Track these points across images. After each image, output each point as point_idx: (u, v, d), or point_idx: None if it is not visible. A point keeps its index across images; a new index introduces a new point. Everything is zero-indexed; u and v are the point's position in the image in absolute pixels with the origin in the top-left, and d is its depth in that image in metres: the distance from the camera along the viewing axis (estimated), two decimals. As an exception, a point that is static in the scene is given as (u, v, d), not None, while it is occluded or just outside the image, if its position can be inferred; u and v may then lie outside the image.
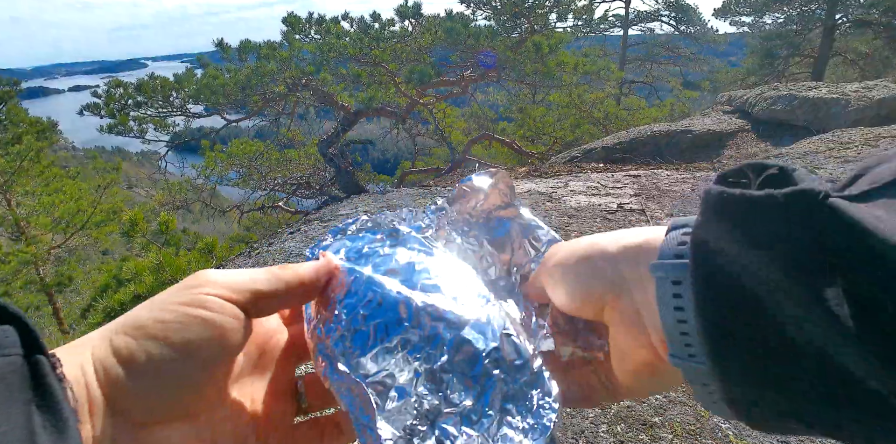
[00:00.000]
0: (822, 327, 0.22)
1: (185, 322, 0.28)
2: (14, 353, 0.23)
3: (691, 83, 15.77)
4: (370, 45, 6.87)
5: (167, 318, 0.28)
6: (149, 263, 5.22)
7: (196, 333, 0.28)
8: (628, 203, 3.20)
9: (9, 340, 0.23)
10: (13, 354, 0.23)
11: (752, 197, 0.25)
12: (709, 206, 0.27)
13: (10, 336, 0.23)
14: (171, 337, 0.28)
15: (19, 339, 0.23)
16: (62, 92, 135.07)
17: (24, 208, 8.53)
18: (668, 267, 0.29)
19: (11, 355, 0.23)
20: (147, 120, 6.91)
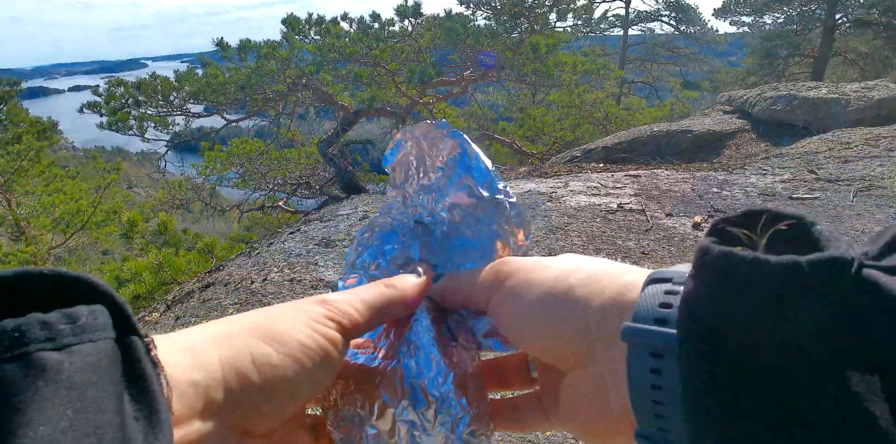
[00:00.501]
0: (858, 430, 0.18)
1: (313, 348, 0.29)
2: (105, 336, 0.21)
3: (691, 83, 15.78)
4: (370, 45, 6.88)
5: (302, 339, 0.29)
6: (149, 263, 5.22)
7: (318, 361, 0.29)
8: (628, 203, 3.20)
9: (98, 322, 0.21)
10: (104, 337, 0.21)
11: (769, 264, 0.20)
12: (707, 269, 0.22)
13: (100, 318, 0.21)
14: (303, 360, 0.29)
15: (111, 319, 0.22)
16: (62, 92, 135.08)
17: (24, 208, 8.53)
18: (646, 334, 0.25)
19: (102, 339, 0.21)
20: (147, 119, 6.91)
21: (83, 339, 0.20)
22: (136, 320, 0.23)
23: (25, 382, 0.18)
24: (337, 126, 6.86)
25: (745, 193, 3.39)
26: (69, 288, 0.21)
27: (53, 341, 0.19)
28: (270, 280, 2.21)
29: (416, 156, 0.43)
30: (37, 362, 0.19)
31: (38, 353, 0.19)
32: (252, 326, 0.29)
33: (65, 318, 0.20)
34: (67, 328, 0.20)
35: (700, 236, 2.67)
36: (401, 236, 0.43)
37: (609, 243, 2.55)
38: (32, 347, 0.19)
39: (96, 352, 0.20)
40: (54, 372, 0.19)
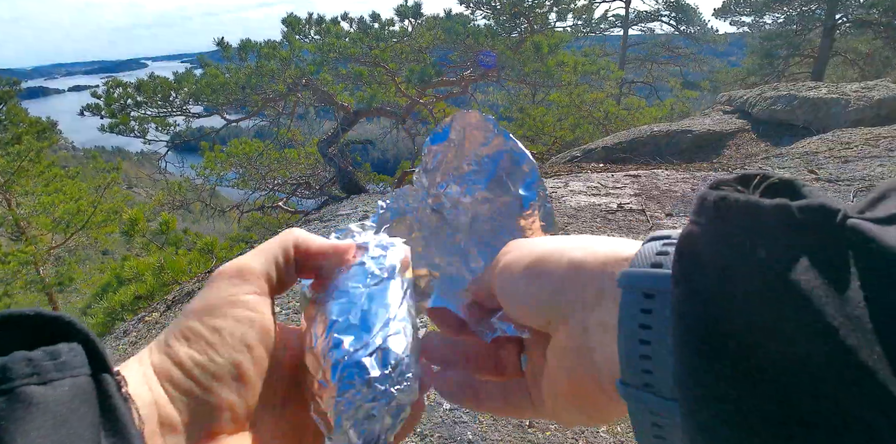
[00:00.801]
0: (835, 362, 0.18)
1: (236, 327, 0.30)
2: (82, 373, 0.23)
3: (691, 83, 15.77)
4: (370, 45, 6.88)
5: (219, 324, 0.30)
6: (150, 264, 5.22)
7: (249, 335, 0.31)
8: (628, 203, 3.20)
9: (77, 359, 0.23)
10: (82, 374, 0.23)
11: (761, 205, 0.21)
12: (704, 210, 0.23)
13: (77, 355, 0.23)
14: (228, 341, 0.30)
15: (86, 357, 0.23)
16: (62, 92, 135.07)
17: (24, 208, 8.53)
18: (640, 276, 0.25)
19: (80, 376, 0.23)
20: (147, 120, 6.91)
21: (65, 375, 0.22)
22: (108, 358, 0.24)
23: (13, 413, 0.20)
24: (337, 126, 6.86)
25: (745, 194, 3.39)
26: (49, 326, 0.23)
27: (39, 376, 0.21)
28: (270, 280, 2.21)
29: (457, 144, 0.42)
30: (22, 396, 0.20)
31: (23, 388, 0.20)
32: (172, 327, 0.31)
33: (48, 355, 0.22)
34: (50, 365, 0.22)
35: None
36: (412, 232, 0.43)
37: (609, 243, 2.55)
38: (18, 382, 0.21)
39: (76, 387, 0.22)
40: (39, 404, 0.20)
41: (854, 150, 4.16)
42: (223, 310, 0.31)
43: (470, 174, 0.41)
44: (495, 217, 0.40)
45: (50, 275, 8.67)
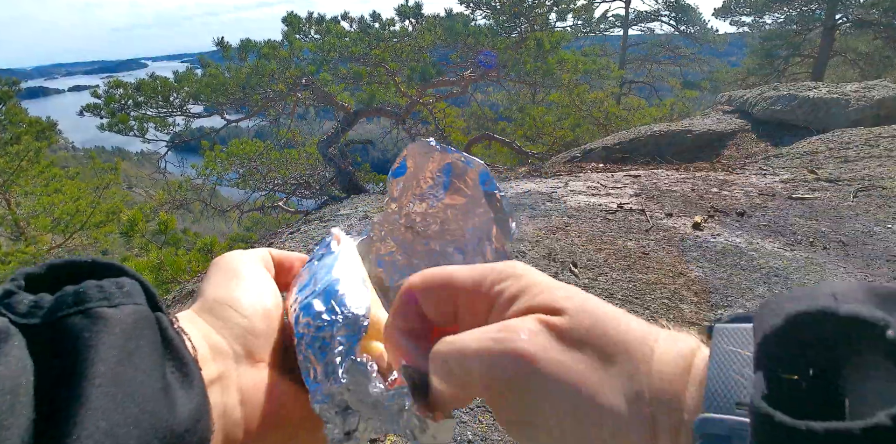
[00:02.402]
0: None
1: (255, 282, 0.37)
2: (142, 303, 0.26)
3: (691, 83, 15.78)
4: (370, 44, 6.88)
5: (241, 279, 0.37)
6: (149, 262, 5.22)
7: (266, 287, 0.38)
8: (628, 203, 3.20)
9: (137, 290, 0.27)
10: (142, 303, 0.26)
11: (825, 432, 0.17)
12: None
13: (137, 289, 0.27)
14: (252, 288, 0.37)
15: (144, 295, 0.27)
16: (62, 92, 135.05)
17: (23, 209, 8.52)
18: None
19: (141, 304, 0.26)
20: (147, 120, 6.91)
21: (129, 301, 0.26)
22: (160, 300, 0.28)
23: (91, 328, 0.24)
24: (337, 126, 6.86)
25: (745, 193, 3.39)
26: (105, 271, 0.27)
27: (108, 300, 0.25)
28: (270, 280, 2.21)
29: (413, 171, 0.48)
30: (97, 315, 0.24)
31: (97, 308, 0.24)
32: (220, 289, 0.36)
33: (114, 284, 0.26)
34: (117, 292, 0.26)
35: (700, 236, 2.67)
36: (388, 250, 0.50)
37: (609, 243, 2.54)
38: (93, 304, 0.24)
39: (138, 312, 0.26)
40: (110, 321, 0.24)
41: (854, 150, 4.15)
42: (240, 271, 0.37)
43: (429, 189, 0.47)
44: (461, 217, 0.45)
45: (50, 275, 8.65)
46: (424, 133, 9.04)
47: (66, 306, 0.24)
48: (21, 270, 0.26)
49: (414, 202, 0.48)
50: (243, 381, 0.32)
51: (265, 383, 0.33)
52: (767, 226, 2.77)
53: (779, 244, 2.53)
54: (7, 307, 0.24)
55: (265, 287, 0.37)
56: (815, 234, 2.63)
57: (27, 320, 0.24)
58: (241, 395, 0.31)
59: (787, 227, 2.74)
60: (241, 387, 0.32)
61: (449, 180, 0.45)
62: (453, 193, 0.45)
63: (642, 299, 1.97)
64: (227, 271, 0.37)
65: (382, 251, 0.49)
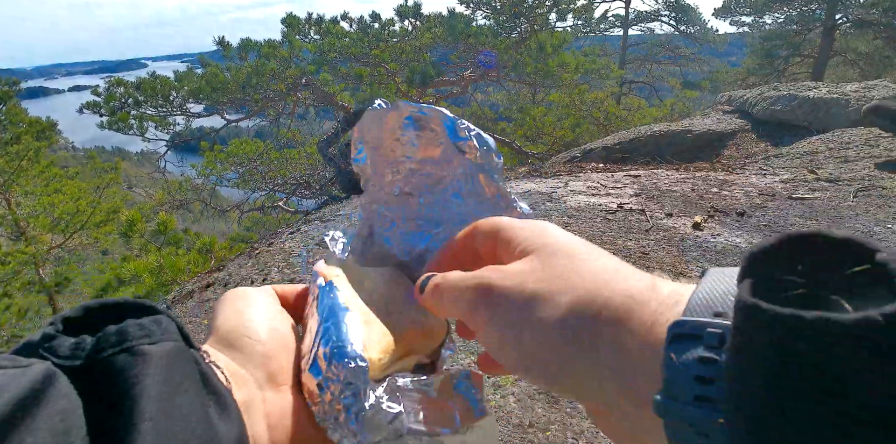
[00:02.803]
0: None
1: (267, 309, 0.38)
2: (179, 339, 0.28)
3: (691, 83, 15.76)
4: (370, 44, 6.87)
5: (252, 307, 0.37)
6: (149, 264, 5.22)
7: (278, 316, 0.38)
8: (628, 203, 3.20)
9: (172, 328, 0.28)
10: (179, 339, 0.28)
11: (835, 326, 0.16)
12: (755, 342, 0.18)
13: (172, 325, 0.28)
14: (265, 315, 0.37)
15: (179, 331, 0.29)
16: (62, 92, 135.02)
17: (23, 208, 8.52)
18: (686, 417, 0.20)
19: (178, 340, 0.28)
20: (147, 119, 6.91)
21: (168, 338, 0.27)
22: (191, 336, 0.30)
23: (135, 365, 0.25)
24: (337, 126, 6.86)
25: (745, 193, 3.38)
26: (138, 310, 0.29)
27: (149, 338, 0.26)
28: (270, 280, 2.21)
29: (372, 145, 0.45)
30: (139, 352, 0.25)
31: (139, 346, 0.26)
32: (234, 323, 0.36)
33: (153, 322, 0.27)
34: (156, 329, 0.27)
35: (700, 236, 2.67)
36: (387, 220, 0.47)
37: (609, 243, 2.54)
38: (135, 342, 0.26)
39: (176, 347, 0.27)
40: (152, 357, 0.25)
41: (854, 150, 4.16)
42: (247, 300, 0.37)
43: (399, 151, 0.44)
44: (445, 166, 0.42)
45: (49, 275, 8.66)
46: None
47: (109, 346, 0.25)
48: (58, 314, 0.27)
49: (392, 171, 0.45)
50: (269, 407, 0.32)
51: (290, 406, 0.33)
52: (767, 226, 2.77)
53: (779, 244, 2.53)
54: (49, 351, 0.25)
55: (275, 311, 0.38)
56: (815, 234, 2.63)
57: (71, 363, 0.25)
58: (268, 420, 0.32)
59: (787, 227, 2.74)
60: (268, 413, 0.32)
61: (415, 134, 0.42)
62: (425, 146, 0.42)
63: (642, 299, 1.97)
64: (234, 302, 0.37)
65: (385, 227, 0.46)
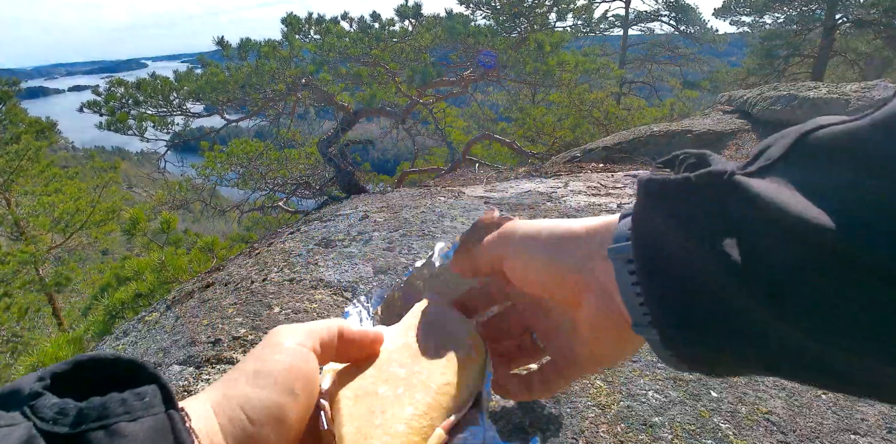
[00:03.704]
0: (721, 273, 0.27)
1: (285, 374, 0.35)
2: (160, 411, 0.28)
3: (691, 83, 15.76)
4: (370, 45, 6.87)
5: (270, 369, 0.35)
6: (150, 261, 5.21)
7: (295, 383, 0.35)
8: (628, 203, 3.20)
9: (156, 399, 0.28)
10: (159, 412, 0.28)
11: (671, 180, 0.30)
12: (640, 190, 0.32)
13: (156, 395, 0.28)
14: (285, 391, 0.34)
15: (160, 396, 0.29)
16: (62, 92, 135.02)
17: (23, 208, 8.52)
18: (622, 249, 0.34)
19: (158, 413, 0.27)
20: (146, 119, 6.90)
21: (149, 413, 0.27)
22: (175, 397, 0.29)
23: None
24: (337, 126, 6.86)
25: (745, 193, 3.39)
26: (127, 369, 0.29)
27: (129, 414, 0.26)
28: (270, 280, 2.21)
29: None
30: (117, 431, 0.25)
31: (118, 424, 0.26)
32: (241, 372, 0.35)
33: (136, 396, 0.27)
34: (138, 404, 0.27)
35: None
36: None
37: (609, 243, 2.55)
38: (114, 419, 0.26)
39: (156, 423, 0.27)
40: (129, 437, 0.25)
41: (854, 150, 4.14)
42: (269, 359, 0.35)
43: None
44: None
45: (49, 275, 8.66)
46: (425, 133, 9.05)
47: (89, 420, 0.25)
48: (48, 369, 0.28)
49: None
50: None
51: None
52: (767, 226, 2.78)
53: (779, 244, 2.53)
54: (33, 410, 0.25)
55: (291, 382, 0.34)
56: (814, 234, 2.63)
57: (51, 428, 0.25)
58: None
59: (787, 227, 2.75)
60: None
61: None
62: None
63: (642, 299, 1.97)
64: (260, 355, 0.35)
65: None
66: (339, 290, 1.97)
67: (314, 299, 2.00)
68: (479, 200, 3.17)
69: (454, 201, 3.10)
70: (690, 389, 1.31)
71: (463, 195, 3.30)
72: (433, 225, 2.64)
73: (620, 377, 1.35)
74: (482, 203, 3.11)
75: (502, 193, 3.43)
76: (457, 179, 5.59)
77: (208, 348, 1.60)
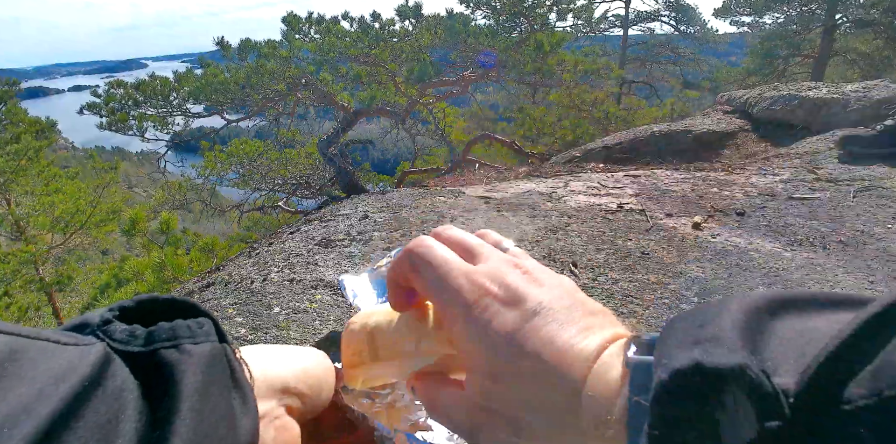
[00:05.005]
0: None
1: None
2: (215, 340, 0.32)
3: (691, 83, 15.76)
4: (370, 44, 6.87)
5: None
6: (150, 262, 5.22)
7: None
8: (628, 203, 3.20)
9: (212, 329, 0.32)
10: (215, 340, 0.32)
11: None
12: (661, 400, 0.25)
13: (211, 327, 0.32)
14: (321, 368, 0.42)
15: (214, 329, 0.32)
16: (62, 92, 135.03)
17: (23, 208, 8.52)
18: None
19: (215, 341, 0.32)
20: (146, 119, 6.89)
21: (208, 339, 0.31)
22: (226, 332, 0.33)
23: (180, 360, 0.29)
24: (337, 126, 6.85)
25: (745, 193, 3.39)
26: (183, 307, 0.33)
27: (193, 338, 0.30)
28: (270, 280, 2.21)
29: None
30: (185, 351, 0.29)
31: (184, 345, 0.30)
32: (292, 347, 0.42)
33: (197, 324, 0.31)
34: (200, 331, 0.31)
35: (700, 236, 2.67)
36: None
37: (609, 243, 2.55)
38: (182, 341, 0.30)
39: (214, 348, 0.31)
40: (195, 356, 0.29)
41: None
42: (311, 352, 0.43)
43: None
44: None
45: (49, 275, 8.66)
46: (425, 133, 9.05)
47: (160, 340, 0.29)
48: (116, 302, 0.31)
49: None
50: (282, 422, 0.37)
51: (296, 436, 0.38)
52: (767, 226, 2.77)
53: (779, 244, 2.53)
54: (106, 333, 0.29)
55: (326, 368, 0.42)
56: (815, 234, 2.63)
57: (125, 347, 0.28)
58: (275, 433, 0.36)
59: (787, 227, 2.74)
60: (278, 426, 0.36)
61: None
62: None
63: (642, 299, 1.97)
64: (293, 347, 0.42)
65: None
66: (340, 290, 1.97)
67: (314, 299, 2.00)
68: (480, 200, 3.17)
69: (454, 201, 3.09)
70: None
71: (463, 195, 3.30)
72: (433, 225, 2.63)
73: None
74: (482, 203, 3.11)
75: (502, 193, 3.43)
76: (457, 179, 5.59)
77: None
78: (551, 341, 0.30)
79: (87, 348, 0.27)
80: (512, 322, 0.31)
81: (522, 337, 0.31)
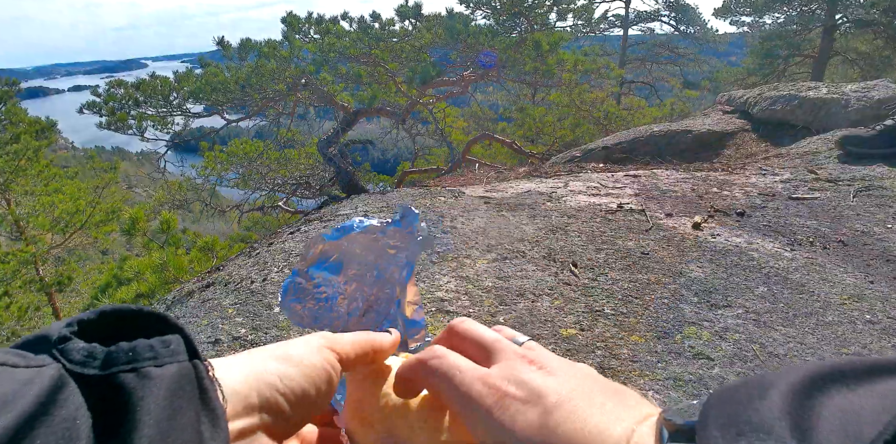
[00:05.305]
0: None
1: (323, 369, 0.37)
2: (185, 359, 0.29)
3: (691, 83, 15.77)
4: (370, 44, 6.87)
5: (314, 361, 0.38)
6: (151, 262, 5.22)
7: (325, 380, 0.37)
8: (628, 203, 3.20)
9: (180, 347, 0.29)
10: (184, 360, 0.29)
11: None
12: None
13: (180, 344, 0.30)
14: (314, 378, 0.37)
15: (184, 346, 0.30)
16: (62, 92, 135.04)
17: (23, 208, 8.52)
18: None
19: (183, 361, 0.29)
20: (146, 119, 6.89)
21: (174, 360, 0.28)
22: (198, 348, 0.31)
23: (139, 386, 0.26)
24: (337, 126, 6.85)
25: (745, 194, 3.39)
26: (149, 321, 0.30)
27: (156, 360, 0.28)
28: (270, 280, 2.20)
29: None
30: (145, 374, 0.27)
31: (146, 368, 0.27)
32: (270, 351, 0.37)
33: (162, 343, 0.29)
34: (165, 351, 0.28)
35: (700, 236, 2.67)
36: None
37: (609, 243, 2.55)
38: (143, 363, 0.27)
39: (181, 369, 0.29)
40: (156, 380, 0.27)
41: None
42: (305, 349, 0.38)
43: None
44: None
45: (49, 275, 8.66)
46: (425, 133, 9.05)
47: (119, 363, 0.27)
48: (76, 316, 0.29)
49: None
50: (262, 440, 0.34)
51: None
52: (767, 226, 2.77)
53: (779, 244, 2.53)
54: (62, 353, 0.26)
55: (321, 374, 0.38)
56: (815, 234, 2.63)
57: (81, 369, 0.26)
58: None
59: (787, 227, 2.74)
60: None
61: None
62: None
63: (642, 299, 1.97)
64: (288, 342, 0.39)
65: None
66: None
67: (314, 299, 1.99)
68: (479, 200, 3.17)
69: (454, 201, 3.09)
70: (690, 389, 1.31)
71: (463, 195, 3.30)
72: (433, 225, 2.63)
73: (620, 377, 1.35)
74: (482, 203, 3.11)
75: (502, 193, 3.43)
76: (457, 179, 5.58)
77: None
78: (579, 430, 0.30)
79: (38, 370, 0.24)
80: (536, 418, 0.31)
81: (549, 431, 0.30)
